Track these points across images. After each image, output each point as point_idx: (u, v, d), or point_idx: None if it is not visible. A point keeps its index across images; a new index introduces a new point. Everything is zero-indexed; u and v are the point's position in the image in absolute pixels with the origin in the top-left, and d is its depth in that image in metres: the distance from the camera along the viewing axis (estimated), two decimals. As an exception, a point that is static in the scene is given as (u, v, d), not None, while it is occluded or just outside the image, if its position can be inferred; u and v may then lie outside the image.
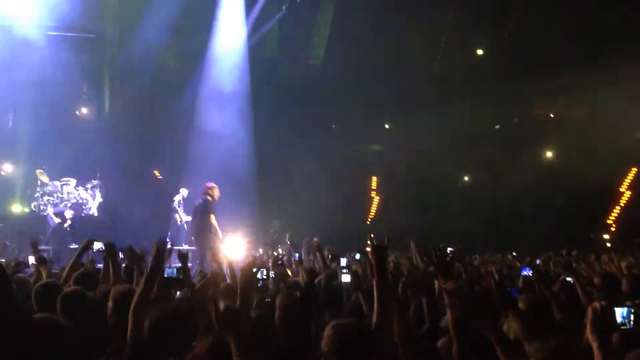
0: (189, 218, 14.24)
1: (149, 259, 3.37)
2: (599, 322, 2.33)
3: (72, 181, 15.51)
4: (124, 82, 17.44)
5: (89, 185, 15.81)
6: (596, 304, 2.40)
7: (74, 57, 16.37)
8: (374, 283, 2.87)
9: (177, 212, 14.43)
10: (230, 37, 16.72)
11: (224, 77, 16.59)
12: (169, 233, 14.57)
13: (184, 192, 14.75)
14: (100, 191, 16.12)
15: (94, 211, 15.94)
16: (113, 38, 17.16)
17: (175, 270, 4.90)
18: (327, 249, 12.46)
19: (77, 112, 18.23)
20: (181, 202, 14.63)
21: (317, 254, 7.03)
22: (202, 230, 10.97)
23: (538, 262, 9.34)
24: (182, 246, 14.40)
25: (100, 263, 6.36)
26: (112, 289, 3.83)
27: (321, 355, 2.37)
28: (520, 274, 6.21)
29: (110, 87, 17.75)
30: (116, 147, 17.03)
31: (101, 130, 17.55)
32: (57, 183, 15.41)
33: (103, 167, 16.70)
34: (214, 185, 11.40)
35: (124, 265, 5.59)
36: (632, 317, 2.68)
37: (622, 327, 2.65)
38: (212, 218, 10.90)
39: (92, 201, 15.94)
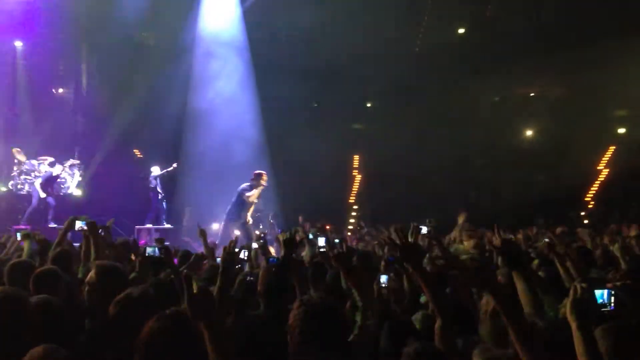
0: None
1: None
2: (578, 303, 2.35)
3: (49, 159, 15.27)
4: (102, 60, 17.14)
5: (67, 164, 15.57)
6: (577, 285, 2.42)
7: (50, 35, 16.01)
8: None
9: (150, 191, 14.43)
10: (213, 17, 16.49)
11: (202, 57, 16.43)
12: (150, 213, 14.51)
13: (155, 170, 14.59)
14: (79, 170, 15.93)
15: (72, 190, 15.77)
16: (90, 15, 16.77)
17: (156, 249, 4.85)
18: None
19: (54, 91, 17.91)
20: (155, 180, 14.49)
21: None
22: None
23: (520, 237, 9.46)
24: (163, 225, 14.37)
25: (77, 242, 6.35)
26: (96, 265, 3.73)
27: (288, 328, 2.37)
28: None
29: (88, 65, 17.44)
30: (94, 125, 16.79)
31: (79, 108, 17.32)
32: (34, 162, 15.16)
33: (81, 146, 16.50)
34: (257, 172, 11.85)
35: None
36: (612, 299, 2.72)
37: (602, 309, 2.68)
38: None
39: (71, 180, 15.77)
